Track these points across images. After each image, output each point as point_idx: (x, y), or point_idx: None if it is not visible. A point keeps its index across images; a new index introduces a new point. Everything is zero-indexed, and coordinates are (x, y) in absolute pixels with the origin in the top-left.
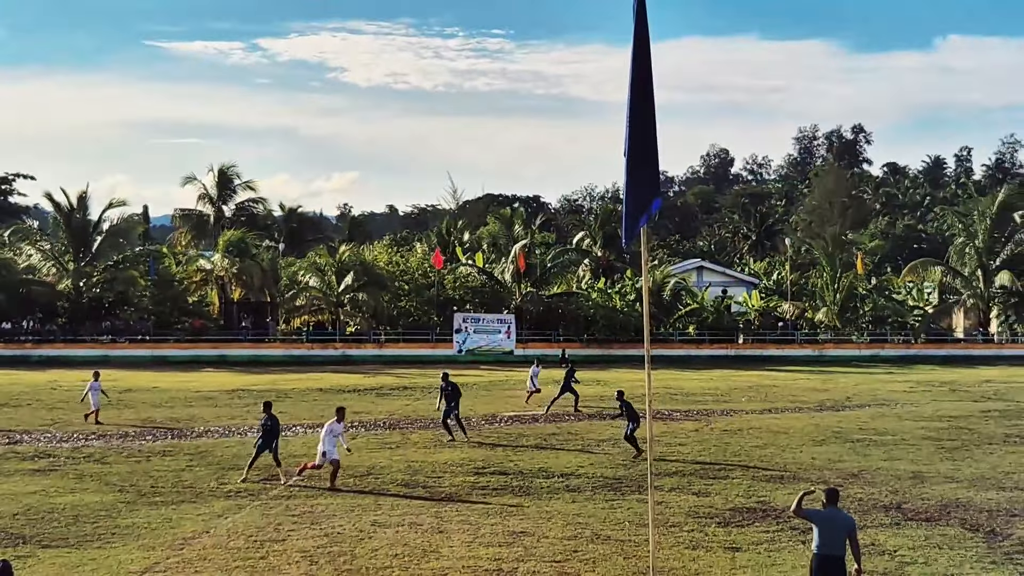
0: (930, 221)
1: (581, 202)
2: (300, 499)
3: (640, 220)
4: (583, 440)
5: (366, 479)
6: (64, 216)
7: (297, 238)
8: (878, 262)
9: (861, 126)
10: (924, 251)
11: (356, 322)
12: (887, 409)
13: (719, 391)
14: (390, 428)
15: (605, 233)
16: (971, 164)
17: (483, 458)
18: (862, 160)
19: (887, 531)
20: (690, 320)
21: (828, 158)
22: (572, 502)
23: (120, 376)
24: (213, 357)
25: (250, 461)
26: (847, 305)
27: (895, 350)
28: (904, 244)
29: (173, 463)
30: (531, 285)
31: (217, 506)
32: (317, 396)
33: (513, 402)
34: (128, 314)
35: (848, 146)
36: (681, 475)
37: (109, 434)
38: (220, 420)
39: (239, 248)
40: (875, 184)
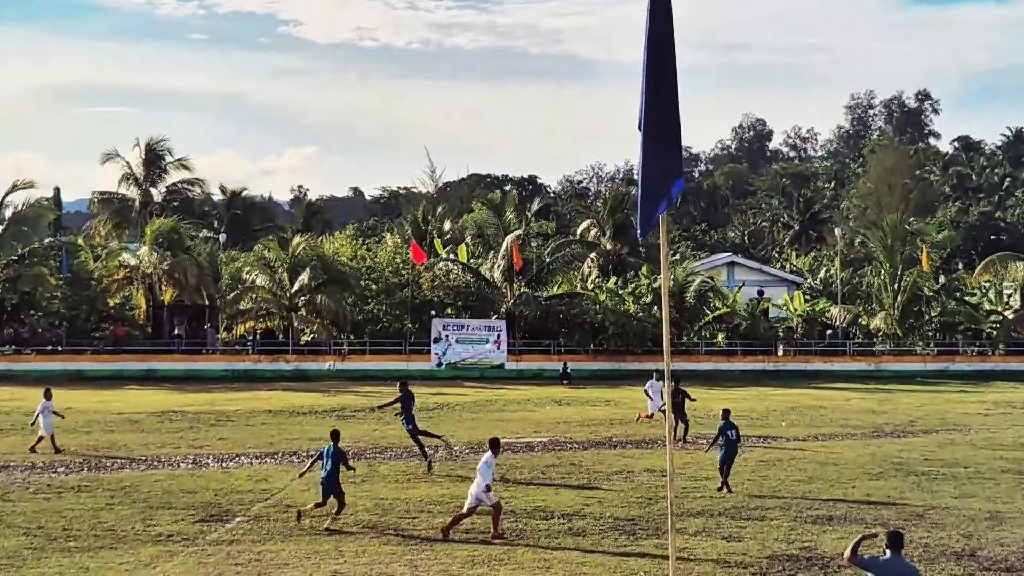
0: (1011, 207)
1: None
2: (245, 544)
3: (659, 207)
4: (589, 473)
5: (324, 519)
6: None
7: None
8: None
9: (927, 92)
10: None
11: (313, 329)
12: (958, 435)
13: (754, 413)
14: (354, 458)
15: (616, 221)
16: None
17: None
18: (928, 133)
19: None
20: (719, 327)
21: (887, 131)
22: (575, 548)
23: (26, 395)
24: (139, 372)
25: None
26: (909, 309)
27: (968, 363)
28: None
29: (90, 500)
30: (526, 285)
31: (144, 553)
32: (266, 419)
33: (505, 426)
34: (36, 320)
35: (911, 116)
36: (708, 515)
37: (12, 465)
38: (148, 448)
39: (171, 240)
40: (944, 162)
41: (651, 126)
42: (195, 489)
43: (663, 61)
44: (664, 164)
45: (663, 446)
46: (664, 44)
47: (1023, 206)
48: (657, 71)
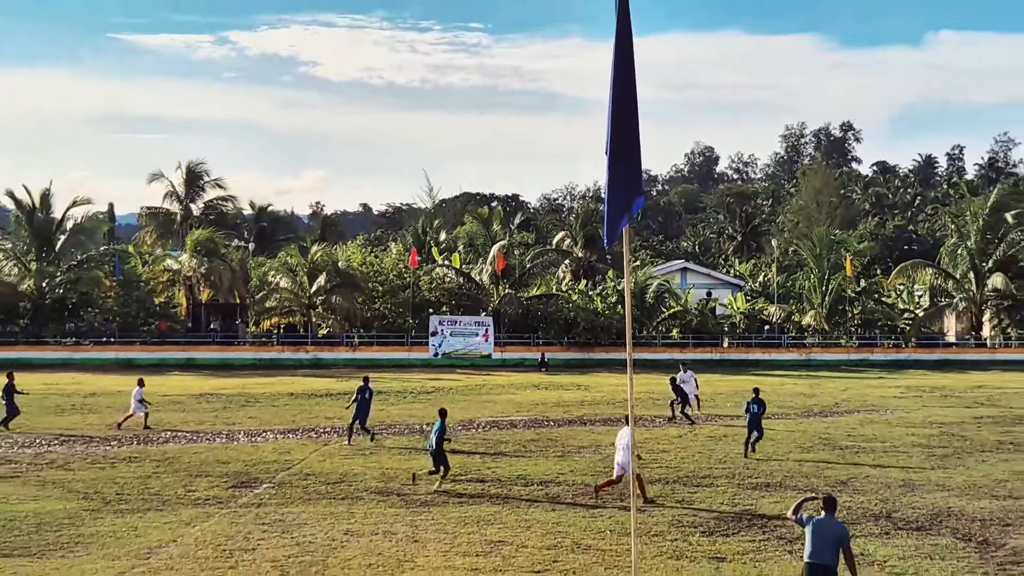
0: (921, 222)
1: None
2: (271, 507)
3: (622, 220)
4: (563, 446)
5: (339, 486)
6: (26, 214)
7: (268, 238)
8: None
9: (850, 123)
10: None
11: (328, 324)
12: (876, 415)
13: (704, 396)
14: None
15: (586, 233)
16: (963, 163)
17: (459, 465)
18: (851, 159)
19: (877, 541)
20: (673, 323)
21: (816, 156)
22: (552, 510)
23: (84, 380)
24: (180, 360)
25: (441, 468)
26: (835, 308)
27: (885, 354)
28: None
29: (139, 470)
30: (510, 287)
31: (184, 514)
32: (288, 401)
33: (491, 407)
34: (92, 316)
35: (836, 144)
36: (664, 483)
37: (73, 439)
38: (188, 425)
39: (207, 248)
40: (864, 183)
41: (616, 151)
42: (228, 460)
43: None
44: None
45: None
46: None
47: (931, 221)
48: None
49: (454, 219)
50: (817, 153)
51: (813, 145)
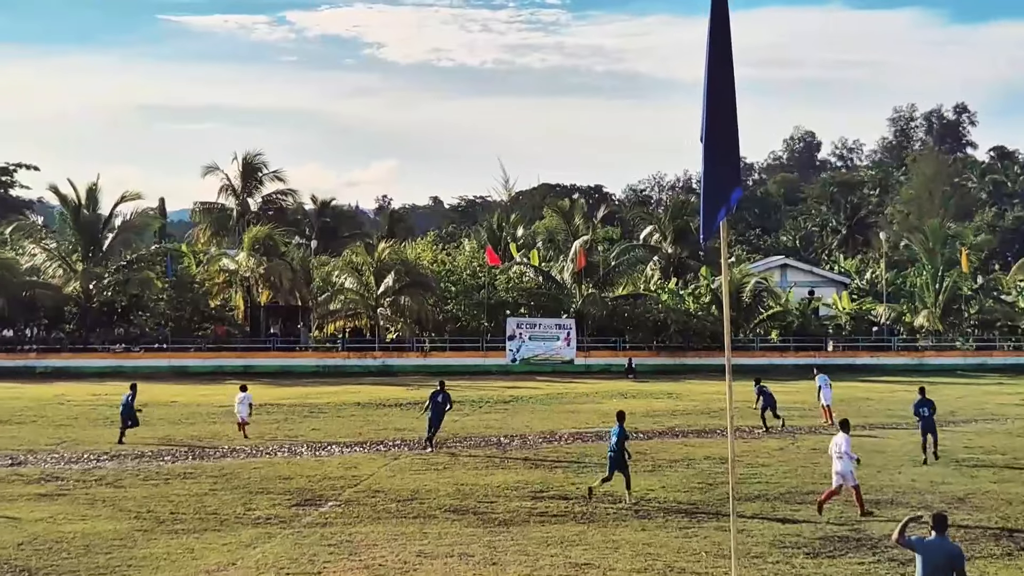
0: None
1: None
2: (337, 527)
3: (719, 213)
4: (653, 460)
5: (410, 504)
6: (72, 211)
7: (331, 234)
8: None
9: (964, 105)
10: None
11: (397, 328)
12: (996, 424)
13: (806, 405)
14: (436, 447)
15: (676, 227)
16: None
17: (541, 480)
18: (966, 143)
19: (998, 562)
20: (773, 325)
21: (927, 141)
22: (642, 530)
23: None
24: (238, 367)
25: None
26: (950, 307)
27: (1005, 358)
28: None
29: (195, 486)
30: (593, 286)
31: (244, 535)
32: (354, 411)
33: (575, 418)
34: (143, 320)
35: (950, 128)
36: (764, 499)
37: (123, 454)
38: (247, 438)
39: (266, 246)
40: (981, 170)
41: (712, 138)
42: (290, 476)
43: (722, 78)
44: (724, 174)
45: (723, 435)
46: (723, 62)
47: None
48: (717, 87)
49: (532, 213)
50: (928, 138)
51: (924, 129)
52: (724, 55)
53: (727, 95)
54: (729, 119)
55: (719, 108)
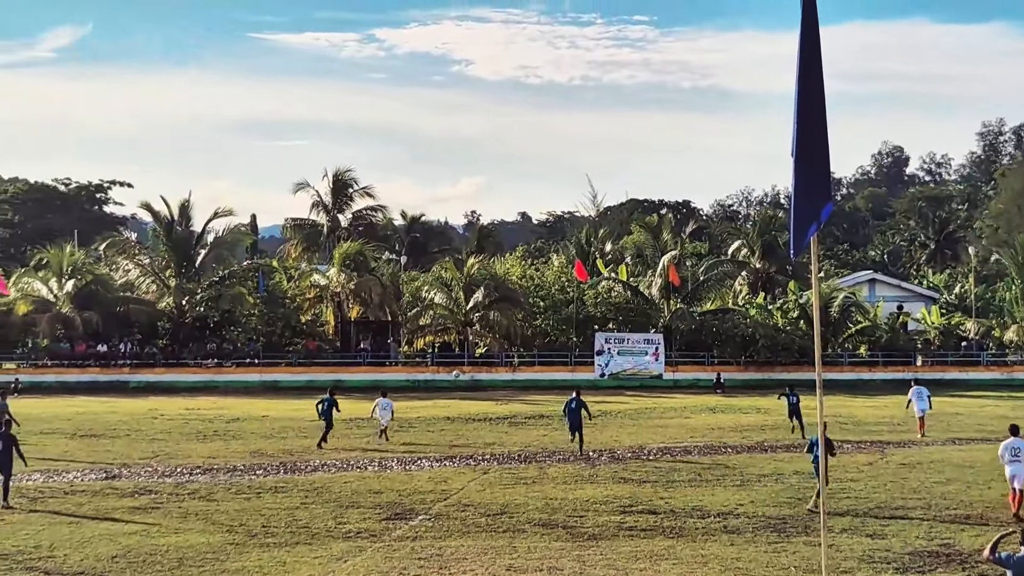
0: None
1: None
2: (427, 540)
3: (810, 228)
4: (742, 475)
5: (500, 518)
6: (164, 227)
7: (420, 250)
8: None
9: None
10: None
11: (486, 343)
12: None
13: (895, 419)
14: (525, 461)
15: (764, 242)
16: None
17: (630, 495)
18: None
19: None
20: (861, 339)
21: (1016, 156)
22: (731, 545)
23: (227, 404)
24: (329, 382)
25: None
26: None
27: None
28: None
29: (286, 500)
30: (681, 301)
31: (335, 548)
32: (444, 425)
33: (663, 432)
34: (235, 335)
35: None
36: (853, 515)
37: (216, 468)
38: (337, 453)
39: (357, 261)
40: None
41: (802, 153)
42: (381, 490)
43: (813, 92)
44: (815, 188)
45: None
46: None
47: None
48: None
49: (620, 228)
50: (1017, 152)
51: (1013, 143)
52: (814, 69)
53: (818, 110)
54: (820, 134)
55: (810, 123)
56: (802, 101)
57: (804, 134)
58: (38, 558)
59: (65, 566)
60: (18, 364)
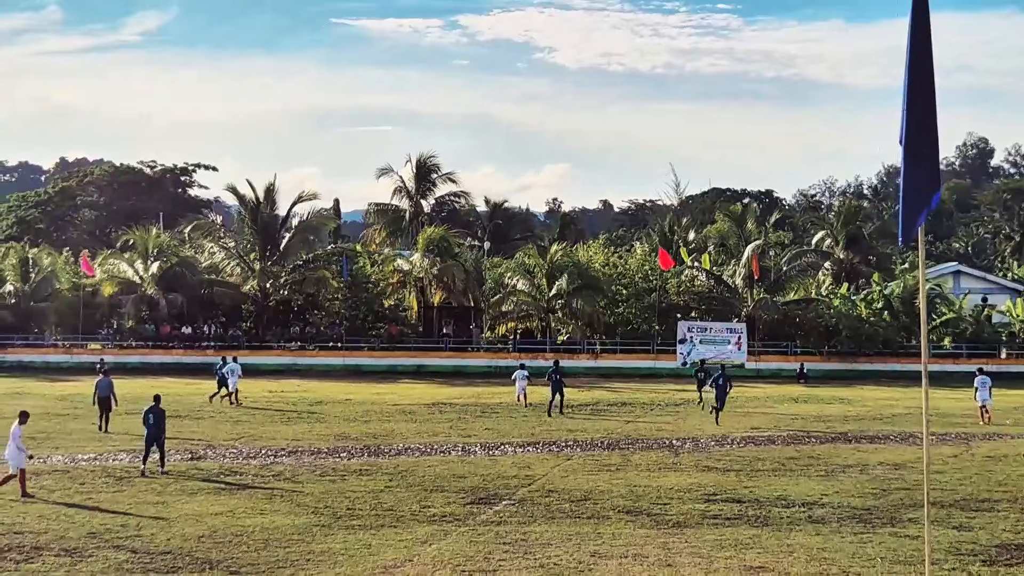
0: None
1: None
2: (511, 525)
3: (920, 216)
4: (826, 465)
5: (584, 504)
6: (250, 211)
7: (502, 236)
8: None
9: None
10: None
11: (568, 330)
12: None
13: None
14: (608, 448)
15: (848, 233)
16: None
17: (714, 483)
18: None
19: None
20: (945, 331)
21: None
22: (816, 534)
23: (310, 387)
24: (411, 367)
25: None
26: None
27: None
28: None
29: (371, 483)
30: (764, 291)
31: (420, 531)
32: (526, 411)
33: (746, 421)
34: (319, 319)
35: None
36: (940, 506)
37: (300, 450)
38: (420, 436)
39: (440, 247)
40: None
41: (911, 141)
42: (464, 474)
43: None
44: (924, 176)
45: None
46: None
47: None
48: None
49: (703, 217)
50: None
51: None
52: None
53: (927, 97)
54: (930, 123)
55: (919, 110)
56: (912, 88)
57: (914, 123)
58: (125, 537)
59: (152, 545)
60: (103, 345)
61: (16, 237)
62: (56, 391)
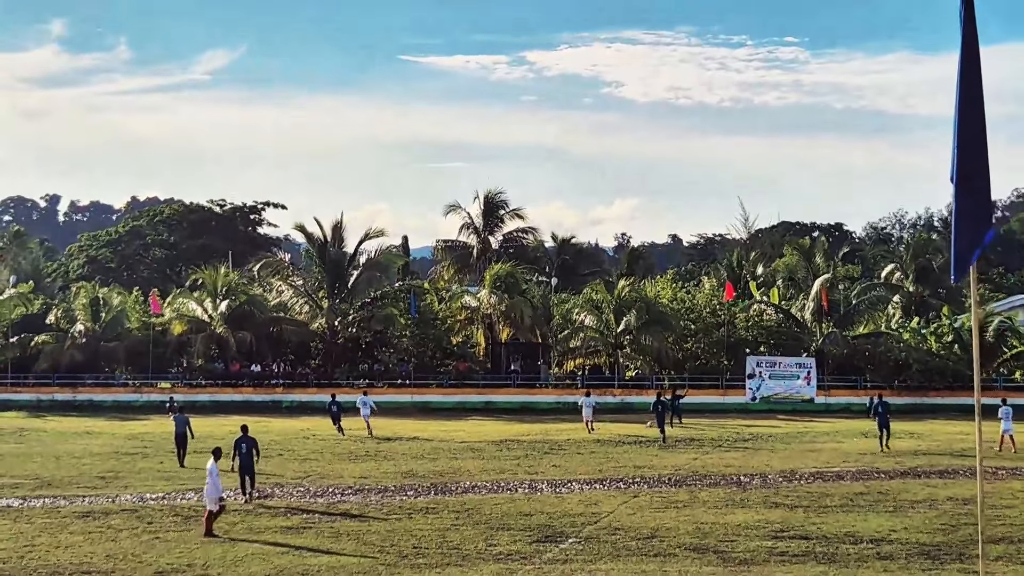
0: None
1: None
2: (577, 563)
3: (973, 254)
4: (895, 501)
5: (650, 542)
6: (318, 248)
7: (570, 272)
8: None
9: None
10: None
11: (636, 366)
12: None
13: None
14: (676, 485)
15: (918, 265)
16: None
17: (781, 520)
18: None
19: None
20: (1017, 364)
21: None
22: (884, 571)
23: (378, 424)
24: (479, 403)
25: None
26: None
27: None
28: None
29: (437, 521)
30: (833, 325)
31: (486, 570)
32: (594, 448)
33: (815, 457)
34: (387, 356)
35: None
36: (1009, 541)
37: (367, 488)
38: (488, 474)
39: (507, 283)
40: None
41: (963, 177)
42: (531, 512)
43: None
44: (976, 213)
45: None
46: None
47: None
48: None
49: (771, 251)
50: None
51: None
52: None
53: (978, 133)
54: (981, 158)
55: (970, 147)
56: (963, 124)
57: (965, 158)
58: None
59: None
60: (173, 383)
61: (87, 277)
62: (126, 430)
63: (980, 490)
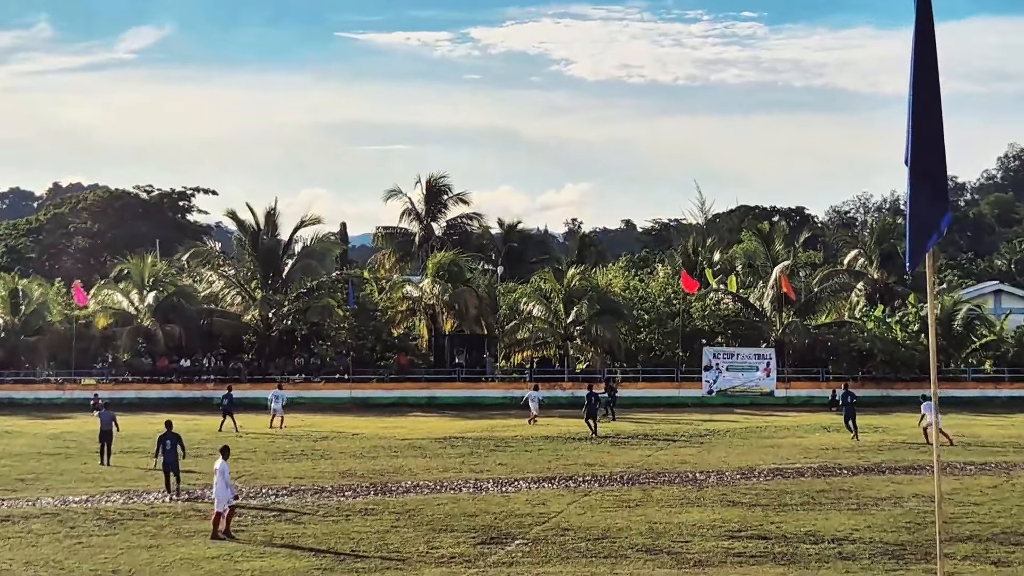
0: None
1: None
2: (524, 566)
3: (928, 240)
4: (858, 498)
5: (601, 543)
6: (250, 236)
7: (517, 259)
8: None
9: None
10: None
11: (587, 358)
12: None
13: (1022, 439)
14: (628, 483)
15: (882, 251)
16: None
17: (739, 519)
18: None
19: None
20: (986, 354)
21: None
22: (846, 572)
23: (315, 421)
24: (422, 399)
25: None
26: None
27: None
28: None
29: (376, 523)
30: (794, 314)
31: (427, 574)
32: (542, 445)
33: (775, 452)
34: (324, 349)
35: None
36: (977, 540)
37: (303, 489)
38: (430, 473)
39: (451, 272)
40: None
41: (918, 160)
42: (475, 512)
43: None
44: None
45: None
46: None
47: None
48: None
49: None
50: None
51: None
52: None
53: (933, 114)
54: (936, 140)
55: (925, 128)
56: (917, 106)
57: (919, 141)
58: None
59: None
60: (98, 380)
61: (6, 267)
62: (47, 429)
63: (938, 488)
